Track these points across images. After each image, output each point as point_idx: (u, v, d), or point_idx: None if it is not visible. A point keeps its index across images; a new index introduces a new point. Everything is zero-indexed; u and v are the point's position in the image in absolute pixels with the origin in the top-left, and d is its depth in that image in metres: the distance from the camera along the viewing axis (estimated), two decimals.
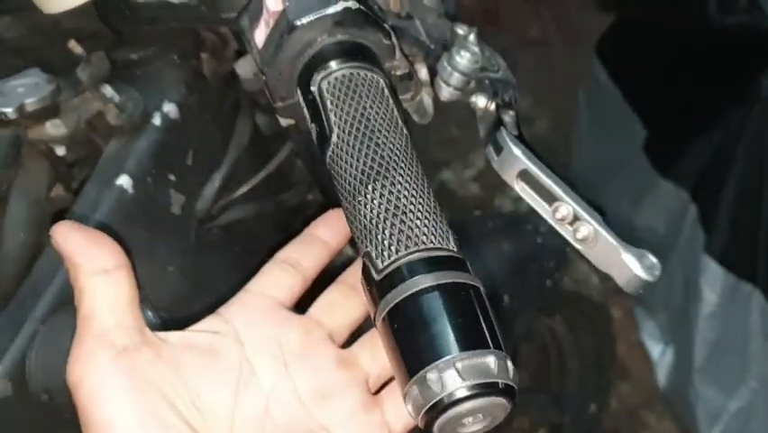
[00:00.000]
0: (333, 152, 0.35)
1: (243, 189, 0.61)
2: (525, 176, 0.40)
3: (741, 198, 1.20)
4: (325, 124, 0.35)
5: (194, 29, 0.58)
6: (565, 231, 0.39)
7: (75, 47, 0.60)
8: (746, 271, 1.21)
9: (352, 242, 0.40)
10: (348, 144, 0.34)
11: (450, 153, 1.85)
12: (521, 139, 0.41)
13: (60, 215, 0.61)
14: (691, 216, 1.29)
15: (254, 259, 0.67)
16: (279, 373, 0.37)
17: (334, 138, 0.35)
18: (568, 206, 0.39)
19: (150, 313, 0.47)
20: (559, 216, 0.39)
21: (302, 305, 0.42)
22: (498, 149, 0.41)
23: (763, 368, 1.23)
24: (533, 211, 0.40)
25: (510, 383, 0.29)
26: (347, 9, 0.37)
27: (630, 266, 0.37)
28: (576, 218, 0.39)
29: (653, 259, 0.38)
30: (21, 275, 0.50)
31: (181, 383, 0.35)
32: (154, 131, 0.56)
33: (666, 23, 1.34)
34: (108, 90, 0.55)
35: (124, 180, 0.53)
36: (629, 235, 1.21)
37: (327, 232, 0.43)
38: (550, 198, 0.40)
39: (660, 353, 1.46)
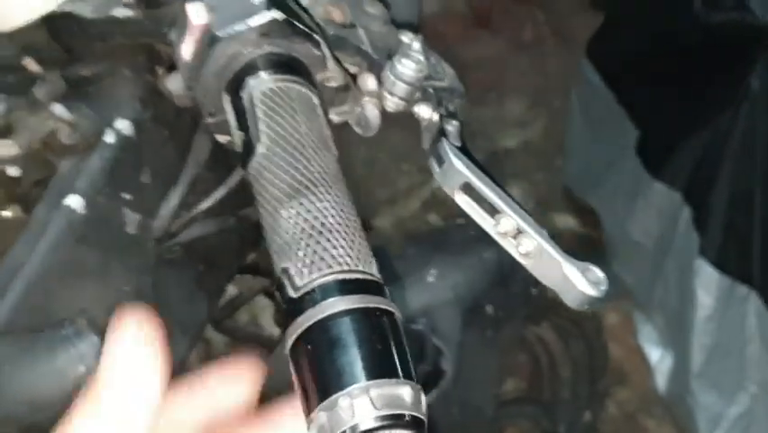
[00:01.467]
0: (258, 163, 0.34)
1: (204, 206, 0.60)
2: (467, 189, 0.39)
3: (733, 198, 1.18)
4: (253, 132, 0.34)
5: (149, 43, 0.57)
6: (508, 245, 0.38)
7: (30, 64, 0.59)
8: (742, 274, 1.19)
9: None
10: (276, 156, 0.33)
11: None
12: (464, 150, 0.39)
13: None
14: (685, 217, 1.27)
15: (219, 275, 0.66)
16: None
17: (262, 149, 0.34)
18: (511, 219, 0.37)
19: (95, 337, 0.46)
20: (501, 229, 0.38)
21: None
22: (441, 161, 0.39)
23: (761, 372, 1.21)
24: (533, 208, 0.38)
25: (421, 417, 0.28)
26: (273, 20, 0.36)
27: (574, 281, 0.36)
28: (519, 232, 0.37)
29: (600, 273, 0.36)
30: None
31: None
32: (107, 148, 0.55)
33: (655, 24, 1.33)
34: (58, 108, 0.54)
35: (73, 201, 0.52)
36: (624, 237, 1.20)
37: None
38: (492, 211, 0.38)
39: (658, 357, 1.44)
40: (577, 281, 0.36)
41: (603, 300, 0.37)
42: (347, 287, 0.29)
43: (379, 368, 0.27)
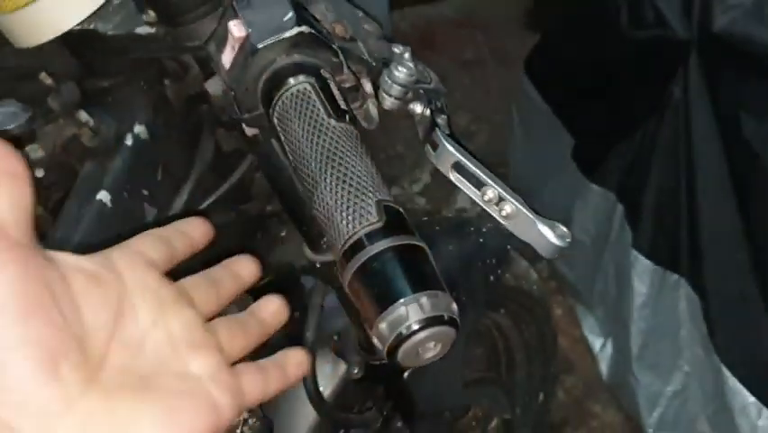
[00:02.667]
0: (291, 153, 0.42)
1: (209, 201, 0.67)
2: (457, 167, 0.48)
3: (661, 195, 1.30)
4: (284, 146, 0.43)
5: (157, 58, 0.65)
6: (492, 210, 0.47)
7: (45, 78, 0.66)
8: (671, 263, 1.31)
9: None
10: (301, 146, 0.41)
11: (396, 170, 1.94)
12: (453, 137, 0.49)
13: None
14: (619, 215, 1.39)
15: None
16: (156, 316, 0.39)
17: (289, 144, 0.42)
18: (493, 189, 0.47)
19: None
20: (486, 198, 0.47)
21: None
22: (435, 146, 0.48)
23: (693, 352, 1.33)
24: (475, 215, 0.47)
25: (455, 316, 0.37)
26: (301, 33, 0.44)
27: (546, 235, 0.45)
28: (501, 199, 0.47)
29: (564, 228, 0.46)
30: None
31: (68, 293, 0.35)
32: (127, 150, 0.62)
33: (586, 41, 1.45)
34: (83, 115, 0.61)
35: (104, 195, 0.59)
36: None
37: (194, 231, 0.45)
38: (478, 184, 0.47)
39: (600, 346, 1.55)
40: (548, 235, 0.45)
41: (565, 250, 0.46)
42: (385, 231, 0.38)
43: (422, 283, 0.36)
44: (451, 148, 0.47)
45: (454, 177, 0.48)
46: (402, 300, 0.36)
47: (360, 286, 0.37)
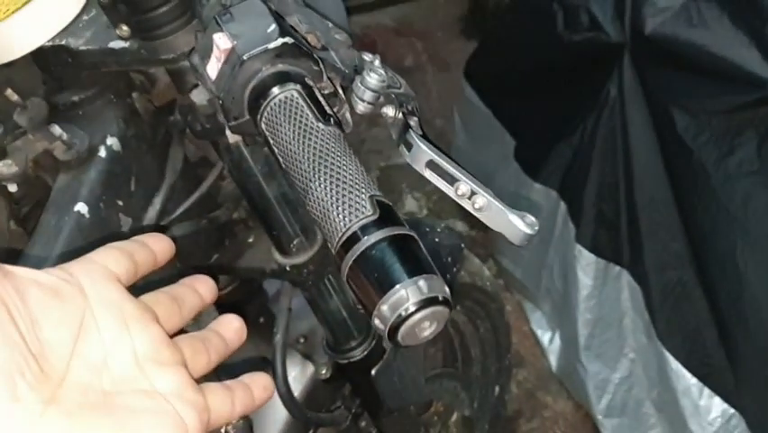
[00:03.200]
0: (282, 160, 0.45)
1: (181, 210, 0.69)
2: (431, 165, 0.51)
3: (601, 191, 1.36)
4: (273, 149, 0.45)
5: (125, 72, 0.66)
6: (465, 204, 0.50)
7: (11, 95, 0.67)
8: (613, 255, 1.37)
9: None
10: (290, 150, 0.44)
11: None
12: (425, 137, 0.52)
13: (12, 245, 0.67)
14: (562, 211, 1.45)
15: (192, 271, 0.75)
16: (120, 332, 0.38)
17: (281, 159, 0.45)
18: (466, 184, 0.50)
19: None
20: (460, 192, 0.50)
21: None
22: (409, 146, 0.51)
23: (637, 340, 1.39)
24: (426, 216, 0.50)
25: (447, 297, 0.40)
26: (285, 44, 0.47)
27: (516, 224, 0.49)
28: (473, 193, 0.50)
29: (532, 218, 0.49)
30: None
31: (26, 310, 0.34)
32: (101, 162, 0.63)
33: (523, 45, 1.51)
34: (56, 129, 0.62)
35: (81, 207, 0.60)
36: None
37: (157, 245, 0.45)
38: (452, 180, 0.51)
39: (549, 339, 1.61)
40: (519, 224, 0.49)
41: (535, 236, 0.50)
42: (376, 225, 0.41)
43: (418, 268, 0.39)
44: (425, 147, 0.50)
45: (429, 174, 0.51)
46: (401, 284, 0.39)
47: (359, 273, 0.40)
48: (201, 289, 0.46)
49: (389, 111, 0.53)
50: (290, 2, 0.55)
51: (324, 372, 0.88)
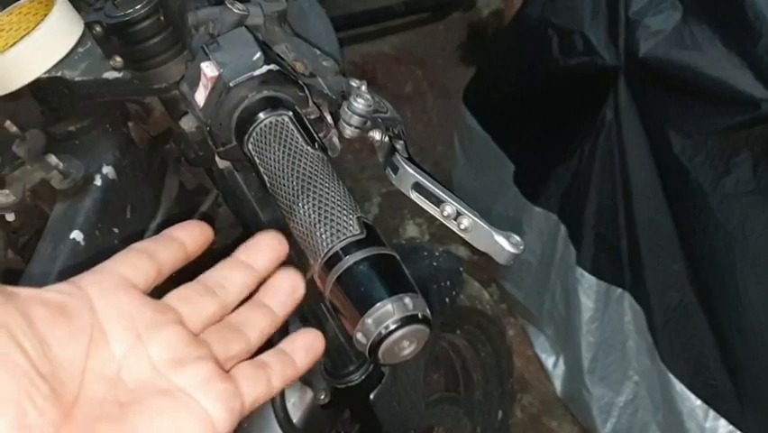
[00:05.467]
0: (269, 181, 0.46)
1: None
2: (417, 187, 0.52)
3: (601, 214, 1.37)
4: (260, 172, 0.46)
5: (121, 102, 0.68)
6: (451, 225, 0.51)
7: (10, 126, 0.68)
8: (614, 278, 1.37)
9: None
10: (276, 172, 0.45)
11: None
12: (411, 160, 0.53)
13: (10, 274, 0.68)
14: (562, 234, 1.45)
15: None
16: (132, 342, 0.37)
17: (264, 170, 0.46)
18: (451, 205, 0.51)
19: None
20: (446, 213, 0.51)
21: None
22: (395, 169, 0.52)
23: (640, 362, 1.39)
24: (426, 241, 0.51)
25: (427, 315, 0.40)
26: (270, 71, 0.48)
27: (501, 244, 0.49)
28: (458, 214, 0.51)
29: (517, 237, 0.50)
30: None
31: (32, 331, 0.34)
32: (97, 191, 0.64)
33: (520, 70, 1.52)
34: (53, 159, 0.63)
35: (76, 234, 0.61)
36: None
37: (186, 236, 0.44)
38: (437, 201, 0.51)
39: (553, 363, 1.60)
40: (504, 244, 0.49)
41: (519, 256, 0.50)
42: (360, 244, 0.41)
43: (399, 286, 0.40)
44: (410, 170, 0.51)
45: (415, 196, 0.52)
46: (383, 301, 0.39)
47: (342, 291, 0.41)
48: (236, 276, 0.43)
49: (376, 135, 0.54)
50: (278, 31, 0.57)
51: (322, 397, 0.87)
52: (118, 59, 0.59)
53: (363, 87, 0.56)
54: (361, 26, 2.12)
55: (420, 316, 0.40)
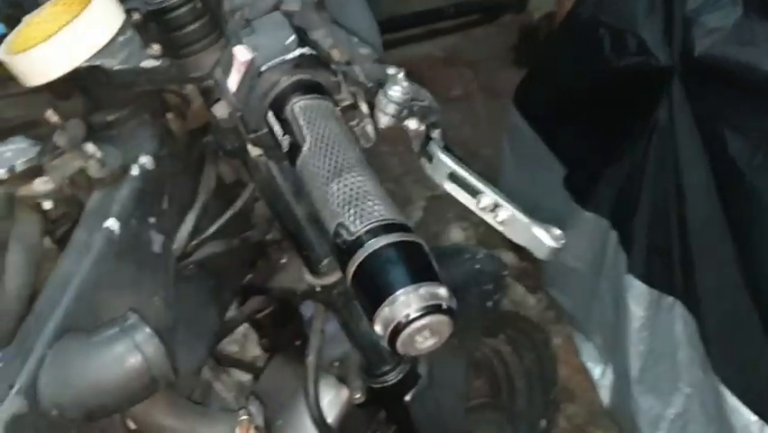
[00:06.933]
0: (305, 156, 0.44)
1: (213, 228, 0.69)
2: (453, 177, 0.50)
3: (653, 219, 1.32)
4: (298, 136, 0.45)
5: (161, 91, 0.67)
6: (488, 217, 0.49)
7: (51, 116, 0.69)
8: (666, 286, 1.33)
9: None
10: (319, 150, 0.44)
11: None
12: (448, 149, 0.51)
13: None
14: (613, 240, 1.41)
15: (226, 289, 0.75)
16: None
17: (306, 146, 0.44)
18: (488, 196, 0.49)
19: (146, 329, 0.55)
20: (482, 205, 0.49)
21: None
22: (430, 157, 0.51)
23: (692, 374, 1.34)
24: (469, 243, 0.49)
25: (452, 306, 0.38)
26: (303, 54, 0.47)
27: (541, 238, 0.47)
28: (496, 206, 0.49)
29: (558, 231, 0.48)
30: (22, 312, 0.57)
31: None
32: (134, 180, 0.64)
33: (571, 71, 1.49)
34: (90, 148, 0.64)
35: (111, 223, 0.61)
36: (560, 265, 1.33)
37: None
38: (474, 192, 0.49)
39: (600, 373, 1.56)
40: (543, 238, 0.47)
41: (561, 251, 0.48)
42: (387, 229, 0.40)
43: (420, 274, 0.38)
44: (445, 159, 0.50)
45: (450, 187, 0.50)
46: (404, 289, 0.38)
47: (364, 277, 0.39)
48: None
49: (412, 124, 0.53)
50: (315, 17, 0.55)
51: (358, 396, 0.86)
52: (156, 47, 0.59)
53: (401, 75, 0.54)
54: (409, 28, 2.11)
55: (444, 306, 0.38)
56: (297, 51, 0.47)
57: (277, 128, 0.47)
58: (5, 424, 0.50)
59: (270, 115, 0.47)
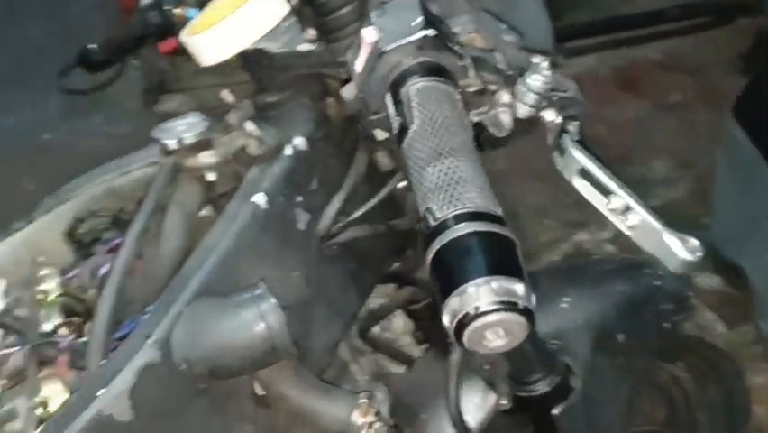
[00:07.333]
0: (411, 138, 0.43)
1: (359, 212, 0.70)
2: (584, 174, 0.46)
3: None
4: (408, 117, 0.44)
5: (322, 76, 0.69)
6: (617, 220, 0.45)
7: (227, 96, 0.73)
8: None
9: None
10: (425, 132, 0.42)
11: (586, 215, 1.87)
12: (582, 144, 0.47)
13: None
14: None
15: (369, 274, 0.76)
16: None
17: (414, 127, 0.43)
18: (620, 198, 0.44)
19: (274, 300, 0.56)
20: (612, 206, 0.45)
21: None
22: (562, 151, 0.47)
23: None
24: (652, 257, 0.44)
25: (530, 307, 0.35)
26: (426, 36, 0.46)
27: (673, 248, 0.42)
28: (627, 209, 0.44)
29: (695, 242, 0.42)
30: (174, 272, 0.62)
31: None
32: (286, 159, 0.66)
33: None
34: (250, 126, 0.67)
35: (260, 198, 0.64)
36: None
37: None
38: (605, 192, 0.45)
39: None
40: (676, 249, 0.42)
41: (701, 267, 0.42)
42: (474, 217, 0.38)
43: (499, 267, 0.36)
44: (578, 154, 0.46)
45: (579, 184, 0.46)
46: (478, 280, 0.35)
47: (441, 262, 0.37)
48: None
49: (548, 115, 0.49)
50: (460, 2, 0.54)
51: (504, 402, 0.83)
52: (311, 31, 0.61)
53: (544, 64, 0.51)
54: (627, 29, 1.99)
55: (520, 305, 0.35)
56: (421, 33, 0.46)
57: (391, 109, 0.46)
58: (138, 371, 0.54)
59: (388, 96, 0.46)
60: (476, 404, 0.85)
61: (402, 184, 0.72)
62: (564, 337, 0.86)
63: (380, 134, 0.54)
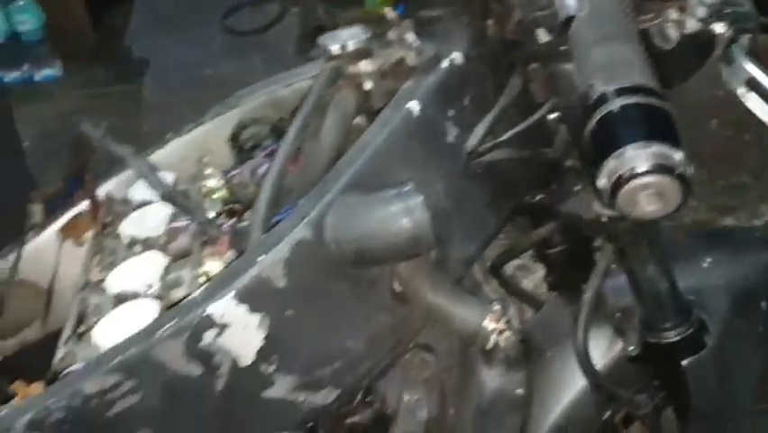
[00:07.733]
0: (578, 22, 0.44)
1: (508, 134, 0.71)
2: (752, 84, 0.45)
3: None
4: (578, 5, 0.45)
5: None
6: None
7: (389, 12, 0.76)
8: None
9: None
10: (592, 17, 0.43)
11: (737, 200, 1.78)
12: (754, 55, 0.46)
13: None
14: None
15: (508, 198, 0.76)
16: None
17: (583, 13, 0.44)
18: None
19: (421, 197, 0.59)
20: None
21: None
22: (730, 61, 0.46)
23: None
24: None
25: (686, 174, 0.36)
26: None
27: None
28: None
29: None
30: (329, 166, 0.66)
31: None
32: (442, 72, 0.69)
33: None
34: (410, 37, 0.70)
35: (413, 105, 0.67)
36: None
37: None
38: None
39: None
40: None
41: None
42: (635, 91, 0.38)
43: (658, 135, 0.36)
44: (746, 63, 0.45)
45: (746, 95, 0.45)
46: (634, 144, 0.36)
47: (599, 132, 0.38)
48: None
49: (718, 28, 0.48)
50: None
51: (632, 348, 0.82)
52: None
53: None
54: None
55: (674, 171, 0.35)
56: None
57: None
58: (291, 247, 0.60)
59: None
60: (602, 348, 0.85)
61: (554, 115, 0.73)
62: (702, 295, 0.83)
63: (543, 36, 0.54)
